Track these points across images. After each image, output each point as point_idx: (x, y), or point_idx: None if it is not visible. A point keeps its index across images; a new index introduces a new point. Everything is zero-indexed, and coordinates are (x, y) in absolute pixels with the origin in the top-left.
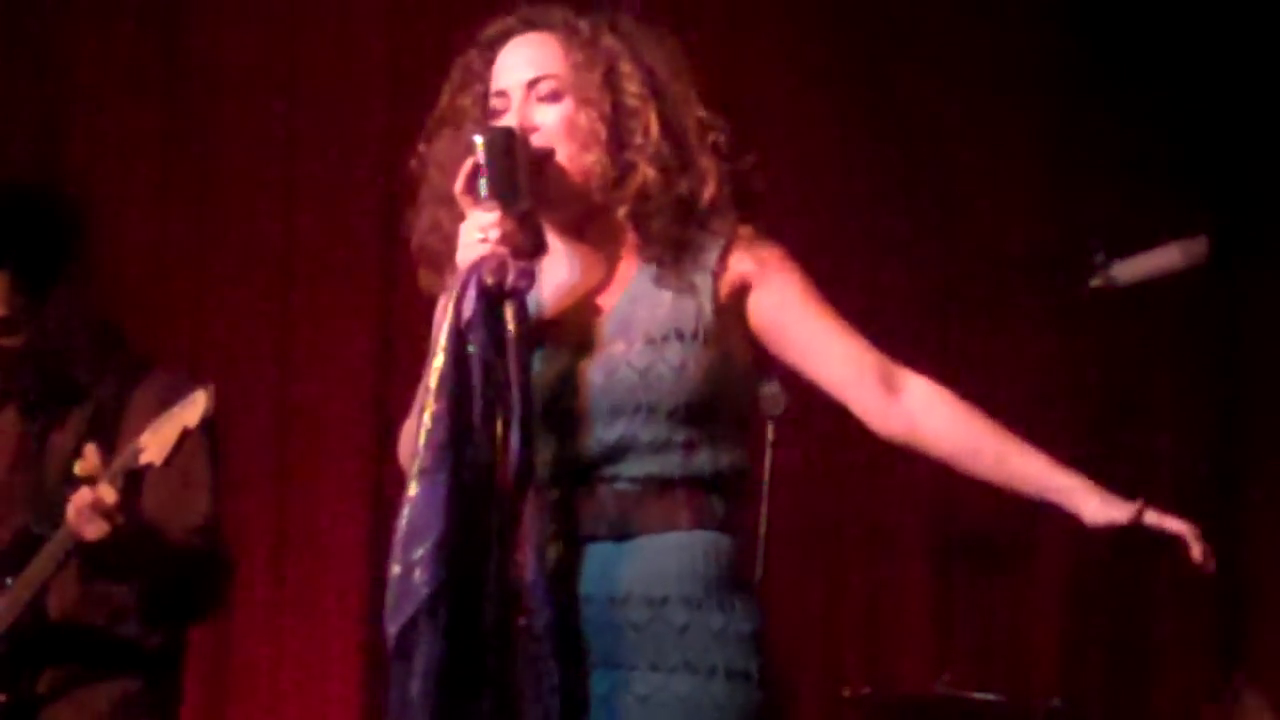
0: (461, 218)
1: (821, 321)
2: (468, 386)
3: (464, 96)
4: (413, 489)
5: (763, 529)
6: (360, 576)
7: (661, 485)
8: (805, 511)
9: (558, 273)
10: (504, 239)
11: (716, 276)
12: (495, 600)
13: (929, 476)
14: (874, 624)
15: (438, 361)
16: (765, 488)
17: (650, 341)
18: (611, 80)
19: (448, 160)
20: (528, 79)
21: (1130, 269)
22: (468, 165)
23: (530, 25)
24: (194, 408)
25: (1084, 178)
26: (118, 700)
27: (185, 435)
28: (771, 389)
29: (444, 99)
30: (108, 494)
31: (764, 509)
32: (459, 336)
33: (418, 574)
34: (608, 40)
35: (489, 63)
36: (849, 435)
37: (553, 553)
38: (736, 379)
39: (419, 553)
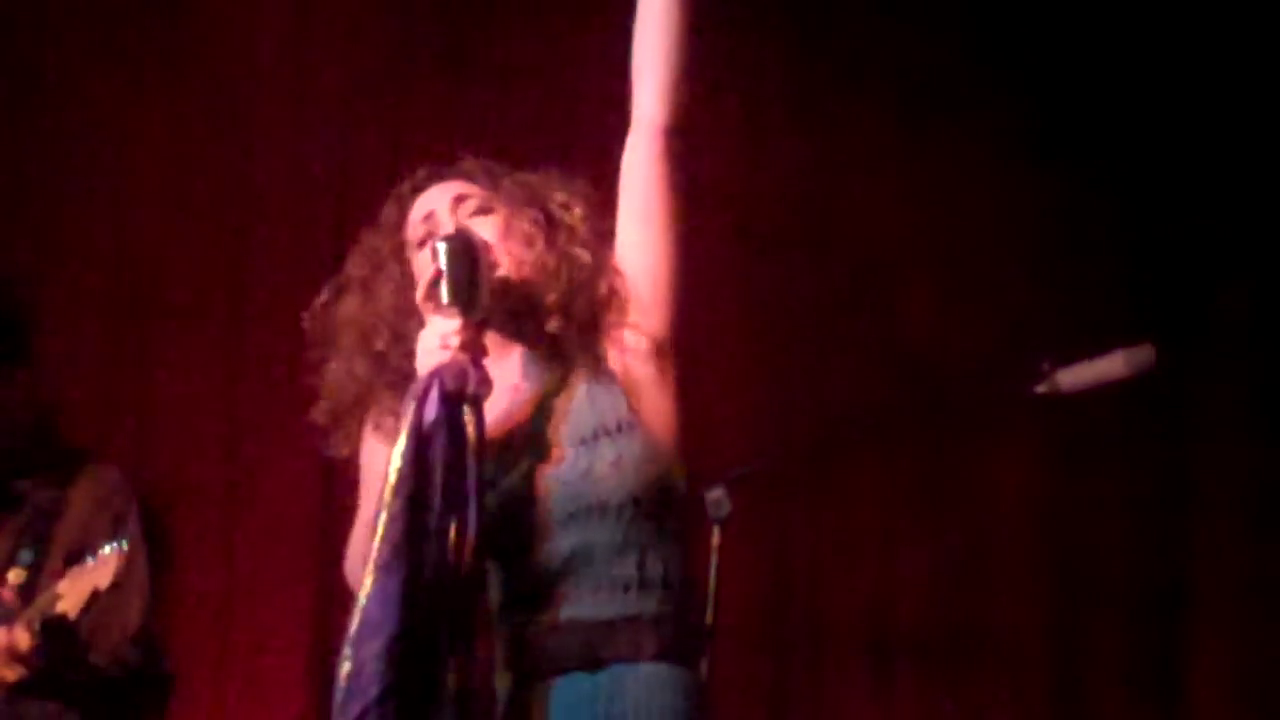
0: (389, 372)
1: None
2: (426, 489)
3: (378, 247)
4: (366, 585)
5: (709, 630)
6: (305, 670)
7: (626, 606)
8: (750, 613)
9: (501, 379)
10: (464, 345)
11: (611, 360)
12: (450, 700)
13: (871, 577)
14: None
15: (396, 464)
16: (711, 591)
17: (583, 443)
18: (532, 195)
19: (366, 320)
20: (453, 196)
21: (1075, 376)
22: (430, 272)
23: (441, 175)
24: (105, 569)
25: (1029, 283)
26: None
27: (95, 595)
28: (716, 494)
29: (354, 258)
30: (22, 640)
31: (710, 611)
32: (420, 440)
33: (367, 671)
34: (519, 175)
35: (402, 216)
36: (793, 538)
37: (506, 685)
38: (670, 468)
39: (369, 650)
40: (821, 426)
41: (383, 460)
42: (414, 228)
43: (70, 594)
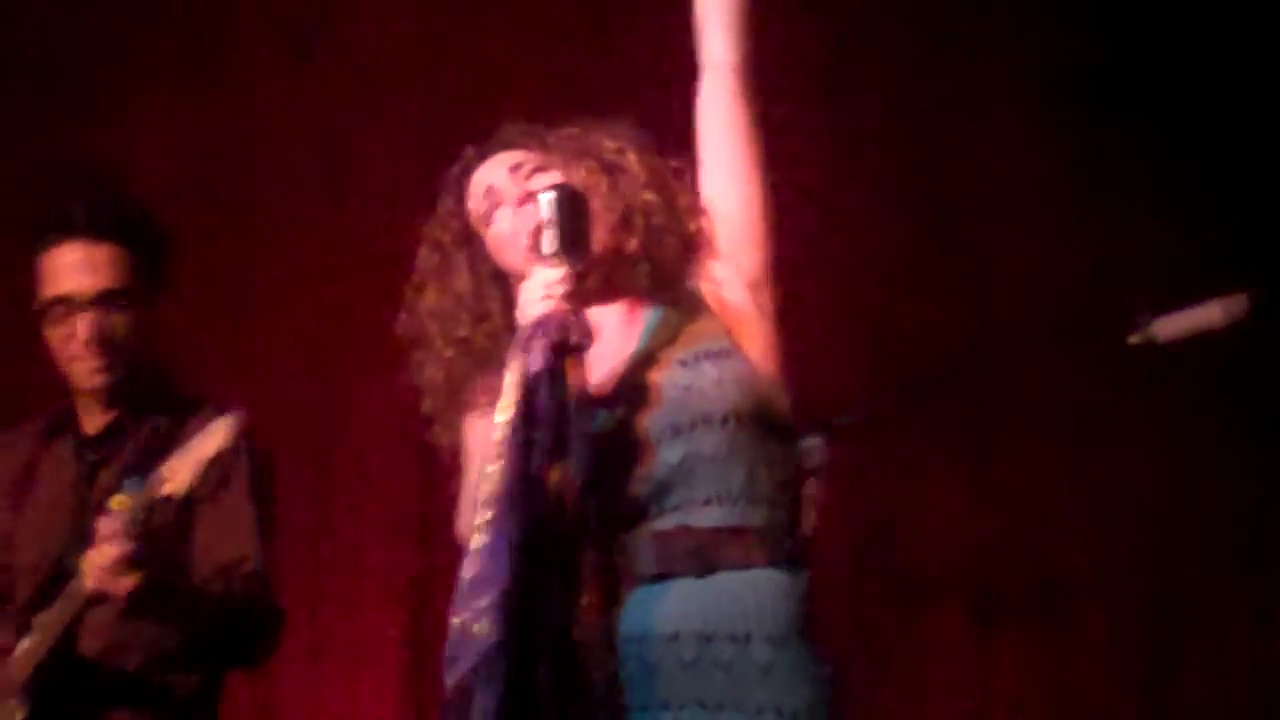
0: (476, 353)
1: None
2: (533, 440)
3: (444, 235)
4: (477, 540)
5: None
6: (401, 626)
7: (734, 517)
8: (848, 565)
9: (605, 332)
10: (568, 295)
11: (707, 296)
12: (553, 653)
13: (971, 529)
14: (915, 678)
15: (504, 416)
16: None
17: (683, 364)
18: (584, 146)
19: (446, 309)
20: (509, 166)
21: (1170, 326)
22: (534, 221)
23: (488, 152)
24: (214, 436)
25: (1124, 232)
26: None
27: (218, 462)
28: (811, 443)
29: (422, 255)
30: (110, 551)
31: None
32: (527, 391)
33: (480, 626)
34: (564, 129)
35: (461, 198)
36: (892, 488)
37: (622, 595)
38: (773, 394)
39: (482, 604)
40: (918, 376)
41: (485, 429)
42: (477, 205)
43: (177, 472)
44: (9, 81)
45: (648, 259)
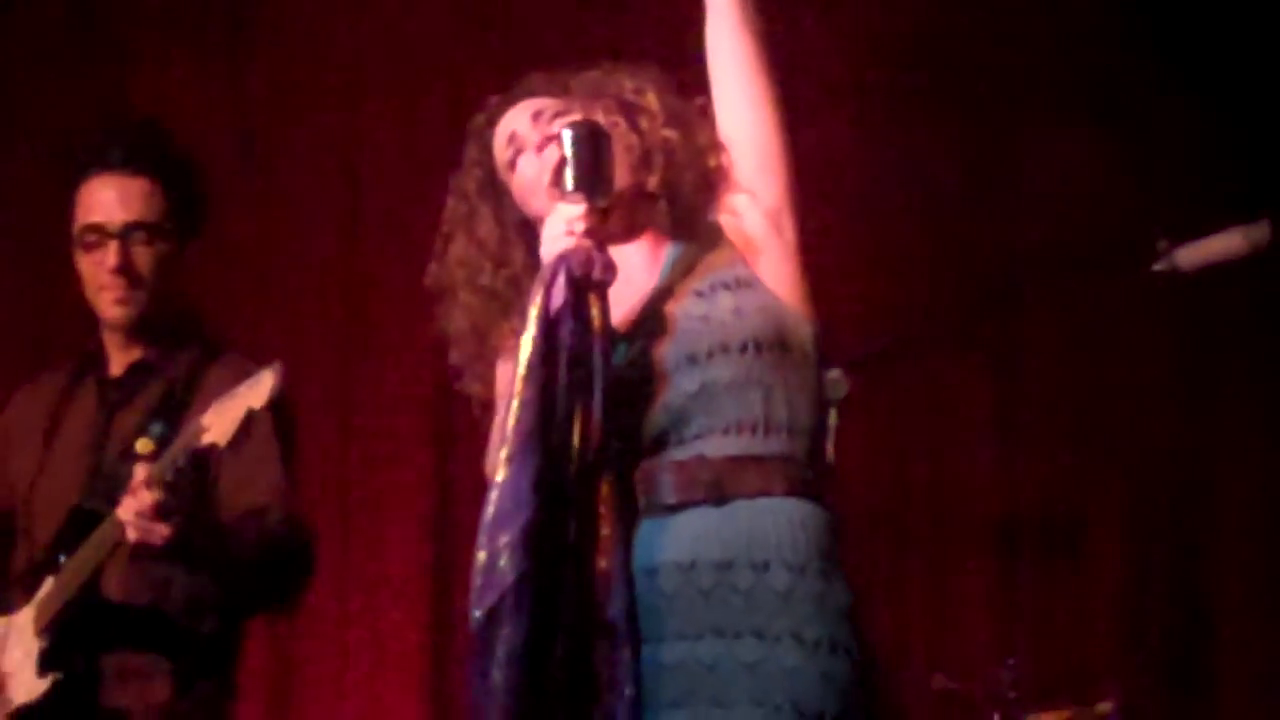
0: (500, 300)
1: None
2: (555, 375)
3: (471, 184)
4: (500, 474)
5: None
6: (424, 564)
7: (752, 446)
8: (868, 497)
9: (625, 268)
10: (590, 231)
11: (726, 228)
12: (575, 585)
13: (992, 461)
14: (936, 610)
15: (526, 351)
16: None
17: (699, 295)
18: (603, 88)
19: (471, 258)
20: (531, 113)
21: (1193, 254)
22: (554, 159)
23: (512, 100)
24: (260, 387)
25: (1145, 162)
26: (176, 685)
27: (251, 416)
28: (834, 374)
29: (450, 205)
30: (146, 499)
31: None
32: (548, 326)
33: (504, 560)
34: (585, 74)
35: (486, 148)
36: (913, 420)
37: (640, 525)
38: (794, 323)
39: (505, 539)
40: (940, 307)
41: (511, 370)
42: (501, 153)
43: (218, 422)
44: (49, 33)
45: (668, 196)
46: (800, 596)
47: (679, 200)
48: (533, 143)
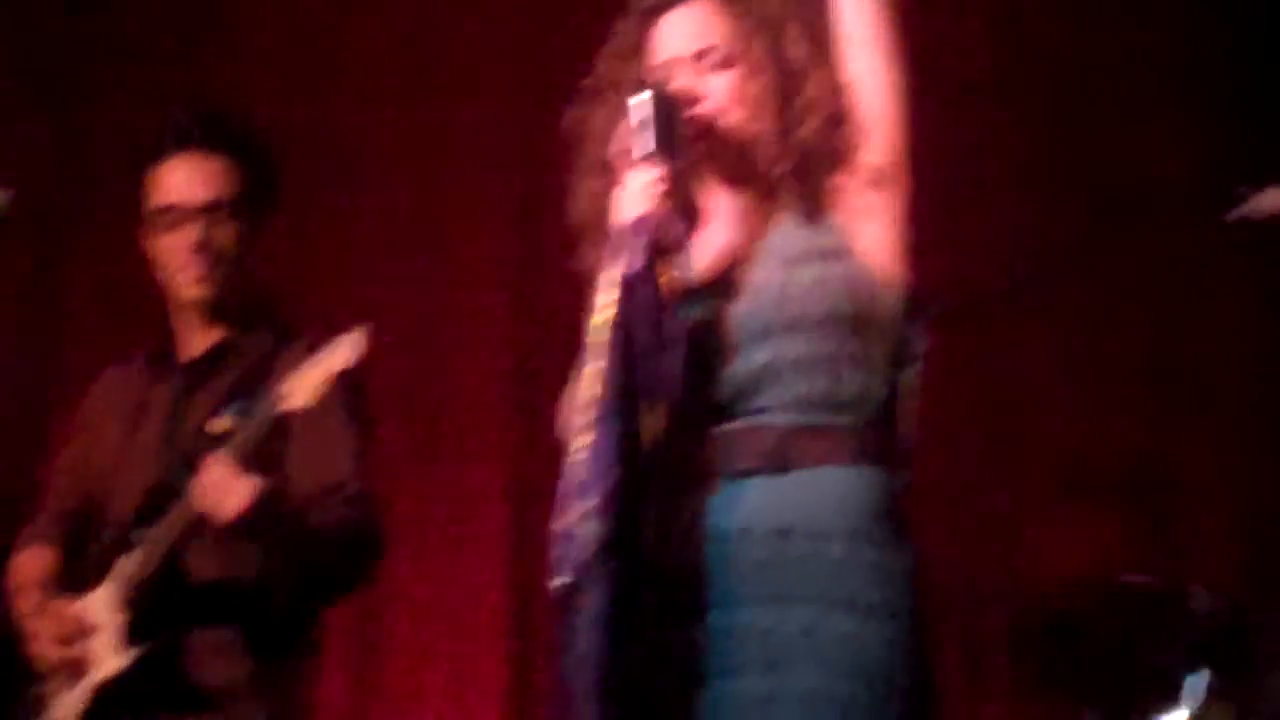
0: (615, 186)
1: None
2: (633, 340)
3: (622, 68)
4: (584, 439)
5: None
6: (504, 533)
7: (817, 419)
8: (947, 459)
9: (714, 228)
10: (665, 196)
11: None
12: (657, 550)
13: (1072, 413)
14: (1015, 563)
15: (604, 317)
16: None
17: (786, 263)
18: (776, 43)
19: (604, 128)
20: (694, 50)
21: (1270, 200)
22: (630, 125)
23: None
24: (344, 350)
25: (1223, 108)
26: (255, 660)
27: (336, 379)
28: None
29: (601, 65)
30: (222, 471)
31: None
32: (625, 291)
33: (587, 526)
34: (769, 4)
35: (648, 33)
36: (993, 374)
37: (707, 490)
38: (879, 294)
39: (589, 505)
40: (1020, 261)
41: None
42: (654, 60)
43: (299, 387)
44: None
45: (789, 187)
46: (856, 564)
47: (798, 167)
48: (684, 82)
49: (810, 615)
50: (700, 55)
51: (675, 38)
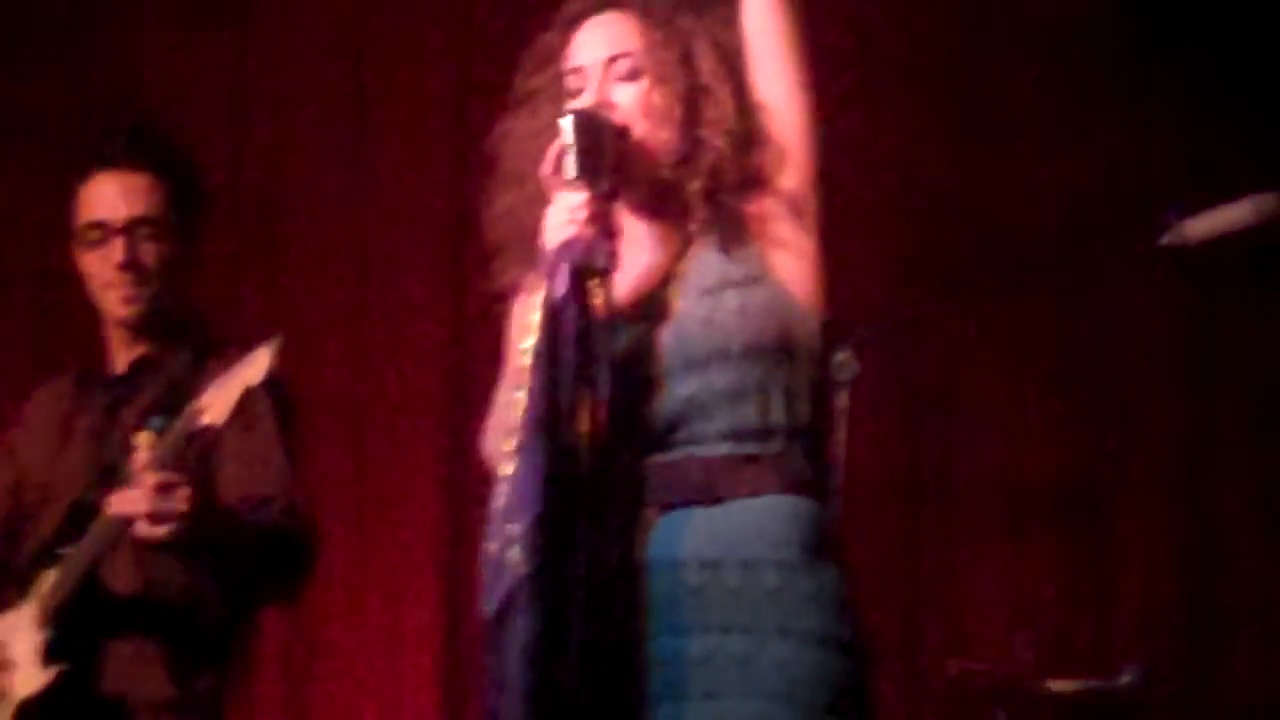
0: (536, 199)
1: None
2: (560, 364)
3: (539, 77)
4: (509, 466)
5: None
6: (436, 554)
7: (747, 448)
8: (879, 479)
9: (629, 252)
10: (591, 220)
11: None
12: (584, 579)
13: (1003, 435)
14: (951, 590)
15: (530, 341)
16: (839, 456)
17: (706, 292)
18: (687, 58)
19: (524, 141)
20: (605, 57)
21: (1200, 227)
22: (556, 146)
23: (608, 4)
24: (257, 364)
25: (1155, 132)
26: (177, 675)
27: (249, 393)
28: (843, 356)
29: (519, 79)
30: (148, 482)
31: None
32: (552, 315)
33: (515, 551)
34: (683, 19)
35: (566, 42)
36: (923, 401)
37: (637, 521)
38: (801, 321)
39: (515, 529)
40: (949, 285)
41: (521, 316)
42: (569, 74)
43: (216, 402)
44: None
45: (701, 199)
46: (789, 593)
47: (713, 191)
48: (592, 91)
49: (745, 643)
50: (611, 61)
51: (589, 44)
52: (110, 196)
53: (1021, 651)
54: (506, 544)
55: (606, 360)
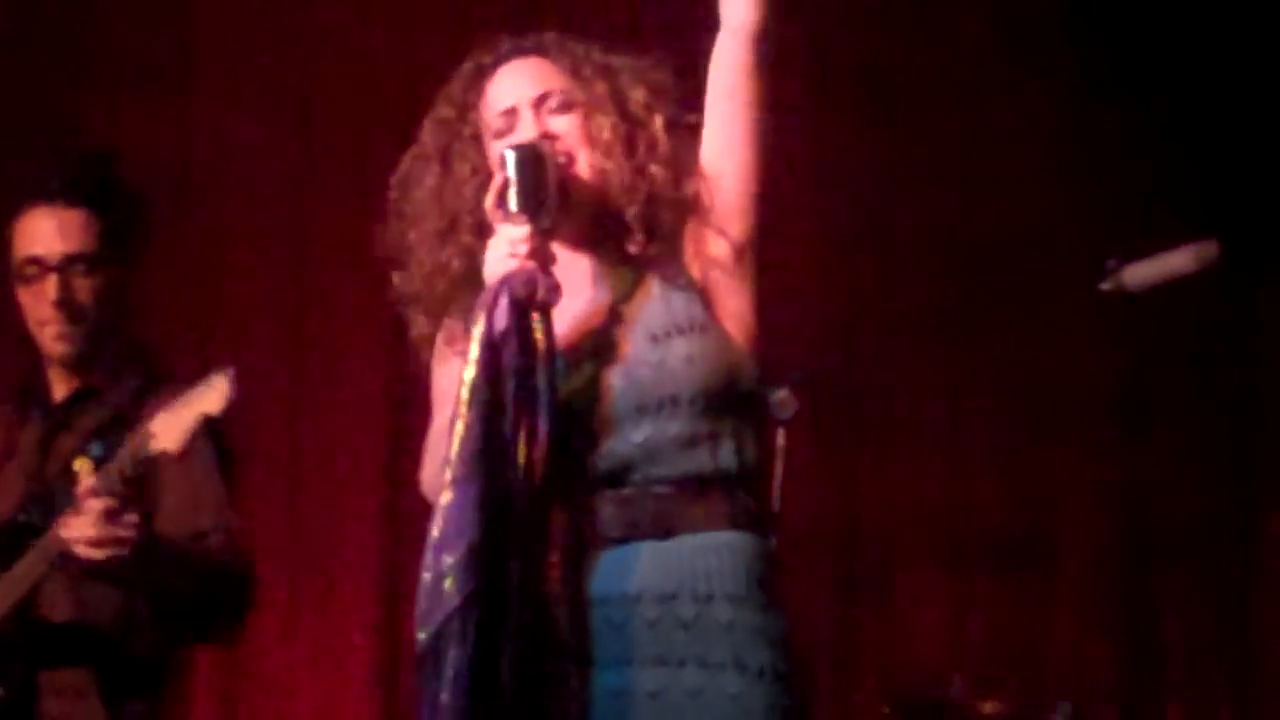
0: (467, 246)
1: None
2: (499, 398)
3: (449, 129)
4: (446, 497)
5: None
6: (374, 586)
7: (697, 485)
8: (818, 516)
9: (572, 287)
10: (533, 253)
11: (688, 263)
12: (521, 608)
13: (940, 478)
14: (887, 628)
15: (470, 373)
16: (777, 493)
17: (654, 339)
18: (616, 91)
19: (433, 194)
20: (535, 95)
21: (1141, 273)
22: (498, 180)
23: (522, 51)
24: (214, 393)
25: (1096, 180)
26: (108, 704)
27: (206, 421)
28: (781, 394)
29: (427, 131)
30: (94, 507)
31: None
32: (491, 349)
33: (449, 582)
34: (601, 58)
35: (480, 91)
36: (861, 439)
37: (586, 557)
38: (745, 365)
39: (450, 560)
40: (887, 327)
41: (457, 370)
42: (492, 116)
43: (168, 429)
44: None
45: (643, 229)
46: (741, 627)
47: (651, 230)
48: (527, 127)
49: (698, 677)
50: (541, 100)
51: (514, 86)
52: (46, 232)
53: (956, 689)
54: (442, 573)
55: (547, 395)
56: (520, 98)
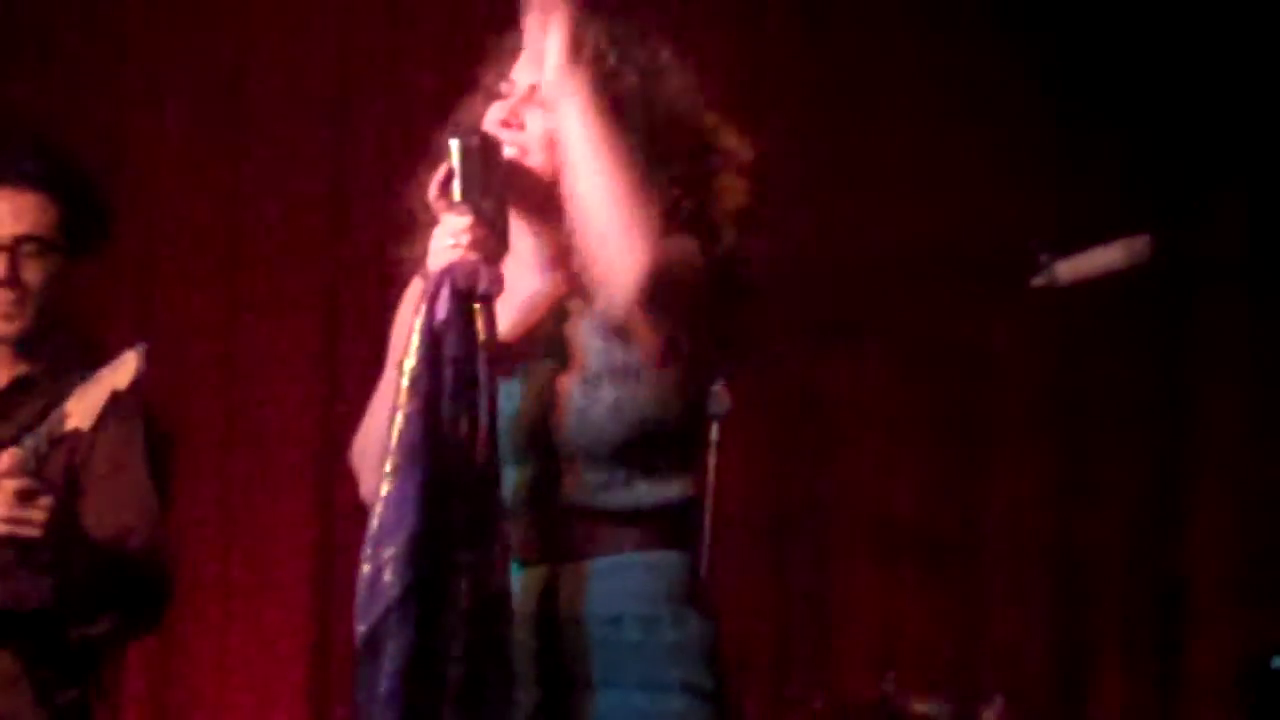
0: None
1: None
2: (439, 388)
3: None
4: (384, 488)
5: (706, 530)
6: (307, 572)
7: (609, 516)
8: (749, 512)
9: (523, 283)
10: (475, 244)
11: None
12: (465, 601)
13: (873, 475)
14: (820, 624)
15: (410, 362)
16: (709, 488)
17: (586, 381)
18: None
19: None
20: (532, 82)
21: (1073, 268)
22: (441, 169)
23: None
24: (123, 369)
25: (1028, 175)
26: (36, 692)
27: (115, 397)
28: (716, 390)
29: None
30: (8, 486)
31: (708, 509)
32: (432, 339)
33: (388, 573)
34: (602, 42)
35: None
36: (794, 435)
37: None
38: (674, 404)
39: (389, 552)
40: (819, 321)
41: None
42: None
43: (80, 407)
44: None
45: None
46: (652, 647)
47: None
48: (504, 108)
49: (607, 697)
50: (534, 89)
51: (525, 61)
52: (0, 213)
53: (888, 684)
54: (381, 565)
55: (488, 387)
56: (523, 78)
